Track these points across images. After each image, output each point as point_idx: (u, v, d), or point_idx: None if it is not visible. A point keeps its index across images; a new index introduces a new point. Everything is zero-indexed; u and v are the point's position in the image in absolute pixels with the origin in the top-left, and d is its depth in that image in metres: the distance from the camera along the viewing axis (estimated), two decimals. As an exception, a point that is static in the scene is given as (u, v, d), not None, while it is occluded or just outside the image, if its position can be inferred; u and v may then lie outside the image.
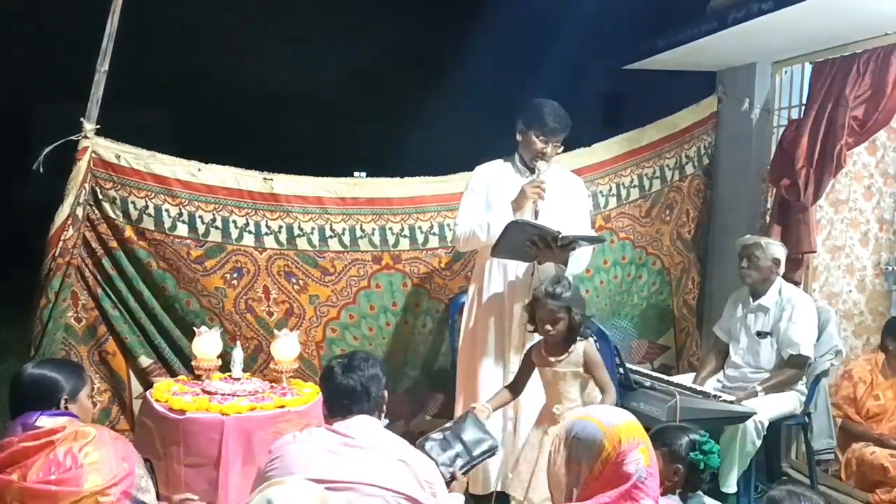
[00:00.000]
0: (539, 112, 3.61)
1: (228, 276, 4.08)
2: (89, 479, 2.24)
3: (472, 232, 3.60)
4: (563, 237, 3.41)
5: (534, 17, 9.79)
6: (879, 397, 4.24)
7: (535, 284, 3.58)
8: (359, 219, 4.24)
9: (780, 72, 4.74)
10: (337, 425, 2.56)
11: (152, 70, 10.60)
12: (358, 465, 2.44)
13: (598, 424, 2.07)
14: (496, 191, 3.67)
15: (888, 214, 4.75)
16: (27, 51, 10.62)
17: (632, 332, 4.90)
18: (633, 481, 1.98)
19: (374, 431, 2.57)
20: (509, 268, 3.65)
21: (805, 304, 4.09)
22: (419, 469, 2.53)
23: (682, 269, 5.02)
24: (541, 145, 3.62)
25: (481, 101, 9.17)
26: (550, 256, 3.49)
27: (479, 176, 3.77)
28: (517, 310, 3.61)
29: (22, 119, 11.80)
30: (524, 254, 3.49)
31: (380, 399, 2.65)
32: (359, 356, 2.70)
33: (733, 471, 3.79)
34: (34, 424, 2.45)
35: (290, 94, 11.94)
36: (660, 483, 2.12)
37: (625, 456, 2.01)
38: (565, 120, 3.63)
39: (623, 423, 2.09)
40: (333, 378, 2.63)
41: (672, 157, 4.90)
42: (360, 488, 2.40)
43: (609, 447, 2.02)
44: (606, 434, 2.04)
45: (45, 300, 3.72)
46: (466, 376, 3.74)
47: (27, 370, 2.63)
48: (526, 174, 3.68)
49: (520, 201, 3.57)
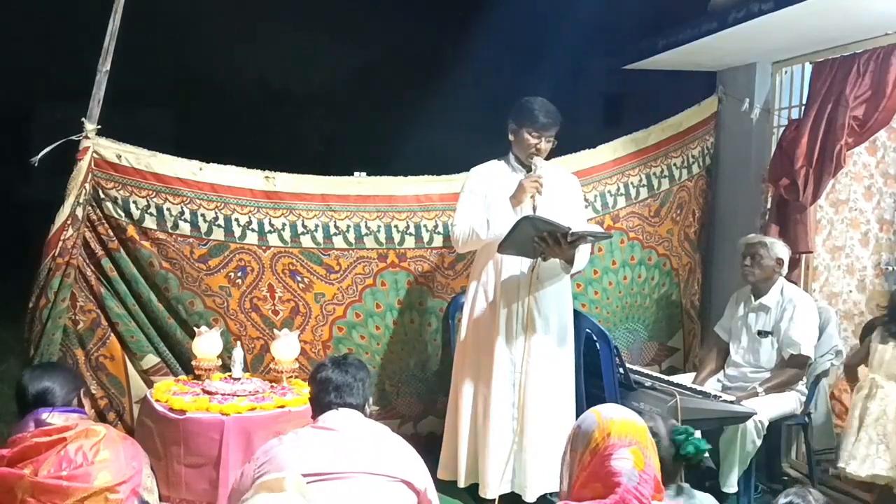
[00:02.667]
0: (529, 109, 3.63)
1: (233, 275, 4.08)
2: (100, 477, 2.31)
3: (472, 230, 3.60)
4: (574, 233, 3.42)
5: (534, 18, 9.81)
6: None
7: (535, 281, 3.60)
8: (363, 216, 4.24)
9: (780, 72, 4.74)
10: (321, 421, 2.60)
11: (152, 70, 10.62)
12: (348, 455, 2.47)
13: (597, 417, 2.10)
14: (495, 190, 3.67)
15: (888, 214, 4.75)
16: (27, 51, 10.63)
17: (642, 333, 4.90)
18: (624, 487, 1.97)
19: (359, 423, 2.60)
20: (511, 266, 3.65)
21: (806, 303, 4.09)
22: (407, 456, 2.57)
23: (689, 269, 5.03)
24: (534, 141, 3.63)
25: (481, 101, 9.18)
26: (558, 252, 3.49)
27: (476, 177, 3.78)
28: (520, 307, 3.61)
29: (22, 119, 11.80)
30: (530, 250, 3.50)
31: (366, 395, 2.69)
32: (341, 356, 2.80)
33: (734, 471, 3.79)
34: (46, 421, 2.50)
35: (290, 93, 11.97)
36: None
37: (612, 450, 2.01)
38: (555, 114, 3.64)
39: (621, 419, 2.09)
40: (318, 374, 2.69)
41: (678, 157, 4.90)
42: (354, 477, 2.43)
43: (598, 437, 2.04)
44: (600, 426, 2.06)
45: (45, 300, 3.71)
46: (467, 374, 3.74)
47: (27, 379, 2.70)
48: (521, 172, 3.69)
49: (518, 196, 3.57)
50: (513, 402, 3.61)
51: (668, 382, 3.94)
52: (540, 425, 3.61)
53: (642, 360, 4.85)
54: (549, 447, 3.57)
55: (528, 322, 3.61)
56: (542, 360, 3.62)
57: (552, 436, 3.59)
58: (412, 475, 2.53)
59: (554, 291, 3.68)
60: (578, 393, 3.82)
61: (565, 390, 3.71)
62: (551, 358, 3.66)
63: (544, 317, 3.64)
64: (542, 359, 3.63)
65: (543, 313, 3.64)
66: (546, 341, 3.64)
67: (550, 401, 3.65)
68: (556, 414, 3.66)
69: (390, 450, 2.56)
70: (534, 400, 3.60)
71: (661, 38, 4.75)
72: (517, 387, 3.60)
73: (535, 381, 3.60)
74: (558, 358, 3.69)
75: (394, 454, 2.55)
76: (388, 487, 2.46)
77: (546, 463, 3.57)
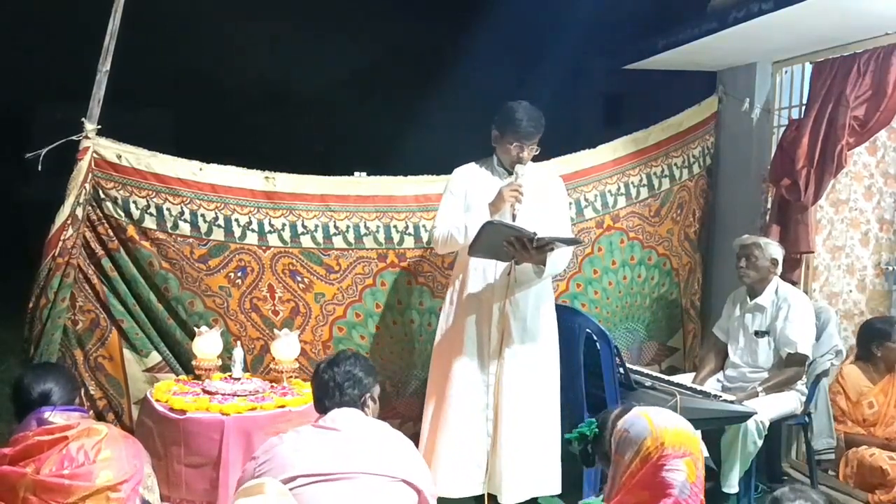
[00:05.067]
0: (511, 117, 3.57)
1: (233, 276, 4.07)
2: (101, 475, 2.32)
3: (450, 234, 3.59)
4: (540, 238, 3.41)
5: (534, 17, 9.80)
6: (873, 404, 4.27)
7: (512, 284, 3.58)
8: (363, 216, 4.23)
9: (780, 72, 4.74)
10: (321, 421, 2.60)
11: (152, 70, 10.61)
12: (350, 455, 2.48)
13: (649, 423, 2.03)
14: (474, 193, 3.66)
15: (888, 214, 4.75)
16: (27, 51, 10.62)
17: (642, 333, 4.89)
18: (674, 499, 1.92)
19: (360, 422, 2.60)
20: (487, 268, 3.63)
21: (801, 302, 4.10)
22: (408, 456, 2.57)
23: (689, 269, 5.02)
24: (515, 151, 3.59)
25: (481, 101, 9.15)
26: (528, 257, 3.48)
27: (457, 178, 3.76)
28: (495, 310, 3.60)
29: (22, 119, 11.79)
30: (502, 254, 3.49)
31: (365, 394, 2.69)
32: (343, 353, 2.78)
33: (734, 471, 3.79)
34: (48, 420, 2.51)
35: (290, 93, 11.96)
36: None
37: (666, 460, 1.96)
38: (538, 121, 3.58)
39: (674, 428, 2.04)
40: (318, 374, 2.70)
41: (679, 157, 4.89)
42: (356, 477, 2.44)
43: (651, 445, 1.98)
44: (652, 433, 2.00)
45: (45, 300, 3.71)
46: (440, 375, 3.72)
47: (30, 379, 2.71)
48: (504, 175, 3.67)
49: (497, 204, 3.55)
50: (486, 404, 3.59)
51: (669, 382, 3.94)
52: (518, 428, 3.59)
53: (642, 360, 4.85)
54: (529, 450, 3.58)
55: (502, 324, 3.59)
56: (518, 363, 3.60)
57: (533, 439, 3.59)
58: (413, 475, 2.53)
59: (531, 294, 3.65)
60: (578, 393, 3.82)
61: (547, 392, 3.68)
62: (529, 360, 3.63)
63: (520, 318, 3.62)
64: (518, 361, 3.60)
65: (519, 315, 3.62)
66: (522, 343, 3.62)
67: (529, 403, 3.62)
68: (536, 416, 3.64)
69: (392, 449, 2.57)
70: (509, 402, 3.58)
71: (661, 38, 4.75)
72: (490, 388, 3.59)
73: (511, 383, 3.58)
74: (537, 360, 3.66)
75: (395, 454, 2.56)
76: (390, 487, 2.47)
77: (527, 466, 3.57)
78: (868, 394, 4.28)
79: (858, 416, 4.27)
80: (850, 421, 4.27)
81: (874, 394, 4.27)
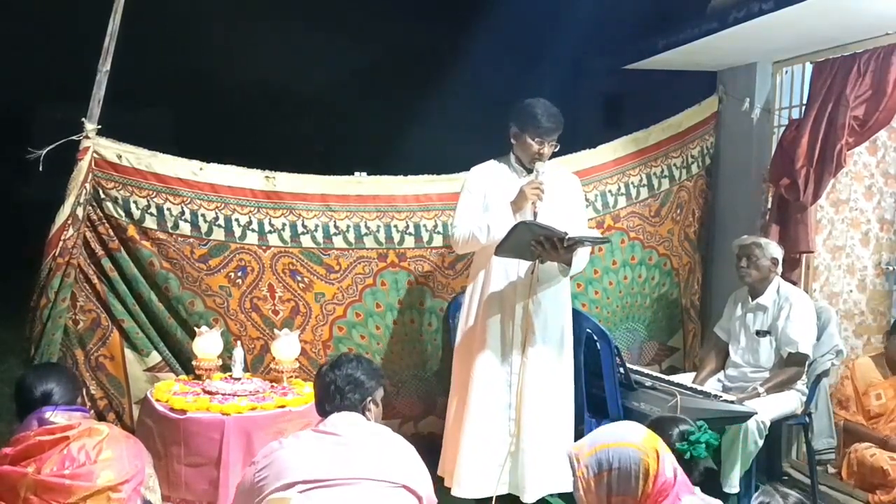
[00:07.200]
0: (532, 113, 3.57)
1: (233, 275, 4.07)
2: (102, 475, 2.32)
3: (472, 234, 3.59)
4: (570, 238, 3.42)
5: (534, 17, 9.79)
6: (881, 396, 4.25)
7: (535, 283, 3.59)
8: (363, 216, 4.23)
9: (780, 72, 4.74)
10: (322, 425, 2.58)
11: (152, 70, 10.61)
12: (350, 460, 2.46)
13: (628, 446, 1.99)
14: (494, 192, 3.65)
15: (889, 214, 4.75)
16: (27, 51, 10.62)
17: (642, 333, 4.90)
18: (677, 487, 1.95)
19: (360, 427, 2.58)
20: (510, 267, 3.63)
21: (803, 302, 4.09)
22: (409, 461, 2.56)
23: (689, 269, 5.03)
24: (537, 147, 3.59)
25: (481, 101, 9.16)
26: (555, 256, 3.48)
27: (475, 177, 3.75)
28: (518, 309, 3.61)
29: (22, 119, 11.79)
30: (528, 253, 3.49)
31: (366, 398, 2.66)
32: (346, 356, 2.76)
33: (735, 471, 3.79)
34: (49, 419, 2.51)
35: (290, 93, 11.95)
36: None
37: (664, 463, 1.99)
38: (558, 118, 3.60)
39: (646, 433, 2.04)
40: (320, 376, 2.68)
41: (678, 157, 4.90)
42: (357, 483, 2.42)
43: (651, 462, 1.97)
44: (641, 450, 1.97)
45: (46, 300, 3.71)
46: (463, 375, 3.72)
47: (32, 379, 2.70)
48: (522, 174, 3.67)
49: (519, 202, 3.55)
50: (509, 404, 3.59)
51: (669, 382, 3.94)
52: (539, 427, 3.59)
53: (642, 360, 4.86)
54: (549, 449, 3.57)
55: (525, 323, 3.59)
56: (539, 362, 3.61)
57: (552, 437, 3.59)
58: (414, 480, 2.51)
59: (552, 293, 3.66)
60: (579, 393, 3.82)
61: (564, 391, 3.70)
62: (549, 359, 3.64)
63: (542, 318, 3.63)
64: (540, 360, 3.61)
65: (541, 315, 3.63)
66: (544, 342, 3.63)
67: (549, 402, 3.63)
68: (555, 415, 3.64)
69: (392, 454, 2.54)
70: (531, 401, 3.58)
71: (661, 38, 4.75)
72: (513, 388, 3.59)
73: (533, 382, 3.59)
74: (556, 359, 3.67)
75: (396, 459, 2.53)
76: (390, 493, 2.45)
77: (546, 464, 3.56)
78: (878, 385, 4.26)
79: (863, 407, 4.24)
80: (853, 409, 4.24)
81: (884, 387, 4.25)
